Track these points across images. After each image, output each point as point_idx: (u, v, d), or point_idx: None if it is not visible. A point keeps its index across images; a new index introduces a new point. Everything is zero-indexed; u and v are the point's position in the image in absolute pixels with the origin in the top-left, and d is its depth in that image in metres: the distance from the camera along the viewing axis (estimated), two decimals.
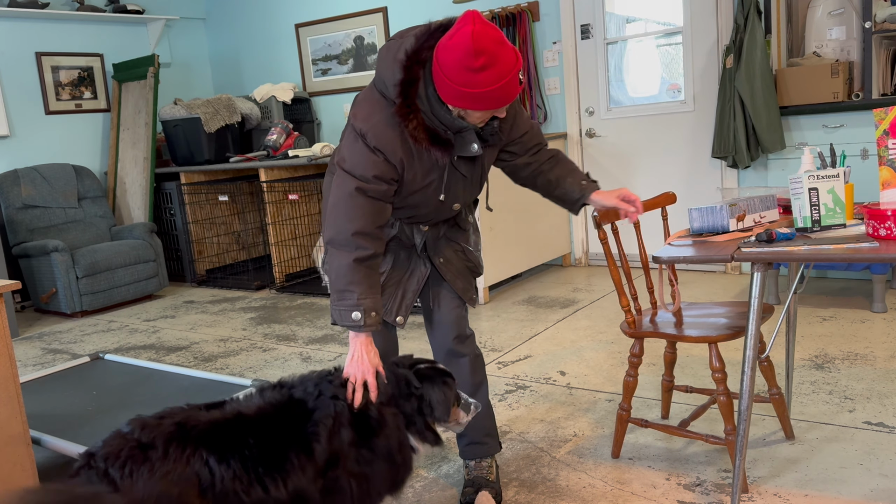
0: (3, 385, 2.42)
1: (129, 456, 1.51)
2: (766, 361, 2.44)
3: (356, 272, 1.87)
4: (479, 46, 1.69)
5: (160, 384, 3.27)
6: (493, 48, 1.71)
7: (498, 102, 1.79)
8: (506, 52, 1.73)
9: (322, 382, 1.78)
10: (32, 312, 5.59)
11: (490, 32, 1.72)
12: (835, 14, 4.39)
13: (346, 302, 1.86)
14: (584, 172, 2.21)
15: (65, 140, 6.13)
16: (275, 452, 1.63)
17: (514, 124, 2.11)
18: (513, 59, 1.75)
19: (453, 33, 1.73)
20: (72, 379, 3.48)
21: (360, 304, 1.86)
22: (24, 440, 2.48)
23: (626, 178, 5.26)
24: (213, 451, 1.57)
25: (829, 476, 2.30)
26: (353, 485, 1.73)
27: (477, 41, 1.69)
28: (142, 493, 1.47)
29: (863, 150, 4.24)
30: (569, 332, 3.98)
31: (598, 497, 2.30)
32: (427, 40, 1.83)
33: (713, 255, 2.00)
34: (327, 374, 1.82)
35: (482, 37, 1.70)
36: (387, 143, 1.88)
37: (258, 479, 1.59)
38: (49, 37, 6.04)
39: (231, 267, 6.34)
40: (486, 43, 1.70)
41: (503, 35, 1.75)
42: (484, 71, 1.71)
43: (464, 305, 2.27)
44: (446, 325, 2.25)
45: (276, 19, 6.75)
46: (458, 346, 2.27)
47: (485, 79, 1.72)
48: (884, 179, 2.04)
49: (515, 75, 1.76)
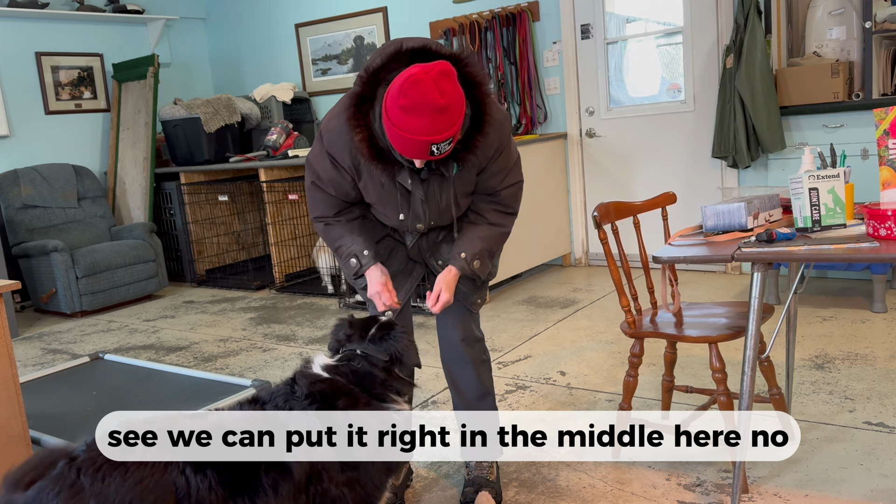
0: (3, 385, 2.42)
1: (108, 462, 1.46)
2: (766, 361, 2.44)
3: (334, 231, 2.11)
4: (410, 92, 1.68)
5: (160, 384, 3.27)
6: (424, 104, 1.68)
7: (408, 151, 1.77)
8: (436, 119, 1.69)
9: (290, 399, 1.72)
10: (32, 312, 5.59)
11: (430, 97, 1.67)
12: (835, 14, 4.39)
13: (343, 257, 2.09)
14: (477, 250, 2.07)
15: (65, 140, 6.13)
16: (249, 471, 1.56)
17: (494, 165, 2.02)
18: (433, 128, 1.70)
19: (412, 69, 1.72)
20: (72, 379, 3.48)
21: (351, 251, 2.08)
22: (24, 440, 2.48)
23: (626, 178, 5.26)
24: (189, 461, 1.52)
25: (829, 476, 2.30)
26: (346, 492, 1.69)
27: (412, 87, 1.68)
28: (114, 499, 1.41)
29: (863, 150, 4.24)
30: (569, 332, 3.98)
31: (598, 497, 2.30)
32: (394, 61, 1.82)
33: (713, 255, 2.00)
34: (292, 384, 1.76)
35: (423, 91, 1.67)
36: (337, 149, 1.98)
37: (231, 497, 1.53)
38: (49, 37, 6.04)
39: (231, 267, 6.34)
40: (421, 99, 1.68)
41: (449, 105, 1.69)
42: (406, 114, 1.70)
43: (468, 309, 2.24)
44: (450, 328, 2.24)
45: (276, 19, 6.75)
46: (465, 349, 2.26)
47: (406, 123, 1.71)
48: (884, 179, 2.04)
49: (425, 143, 1.72)
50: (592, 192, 5.42)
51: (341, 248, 2.10)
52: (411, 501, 2.38)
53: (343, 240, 2.09)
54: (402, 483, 2.37)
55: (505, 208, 2.11)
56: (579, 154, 5.41)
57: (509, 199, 2.10)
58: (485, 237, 2.08)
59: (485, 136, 1.88)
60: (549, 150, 5.25)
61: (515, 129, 5.48)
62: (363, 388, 1.78)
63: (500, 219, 2.11)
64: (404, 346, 1.84)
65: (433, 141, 1.73)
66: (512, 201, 2.11)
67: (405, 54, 1.82)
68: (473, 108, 1.86)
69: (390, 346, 1.83)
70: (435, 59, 1.79)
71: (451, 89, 1.71)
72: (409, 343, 1.85)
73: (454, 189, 2.02)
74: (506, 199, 2.09)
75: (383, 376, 1.81)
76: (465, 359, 2.27)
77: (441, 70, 1.70)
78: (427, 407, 3.13)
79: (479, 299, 2.25)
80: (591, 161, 5.39)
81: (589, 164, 5.40)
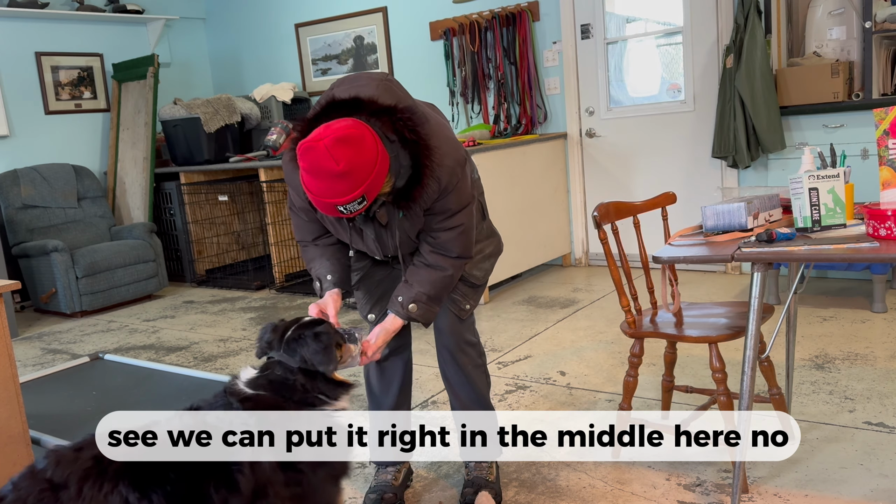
0: (3, 385, 2.42)
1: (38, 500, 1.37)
2: (766, 361, 2.44)
3: (308, 252, 2.17)
4: (305, 157, 1.69)
5: (160, 384, 3.27)
6: (319, 170, 1.68)
7: (318, 207, 1.77)
8: (336, 183, 1.68)
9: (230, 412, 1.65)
10: (32, 312, 5.59)
11: (324, 164, 1.66)
12: (835, 14, 4.39)
13: (312, 278, 2.15)
14: (413, 294, 2.01)
15: (64, 140, 6.13)
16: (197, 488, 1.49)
17: (437, 204, 1.95)
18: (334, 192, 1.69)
19: (313, 134, 1.71)
20: (72, 379, 3.48)
21: (317, 274, 2.12)
22: (24, 440, 2.48)
23: (626, 178, 5.26)
24: (133, 488, 1.43)
25: (829, 476, 2.30)
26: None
27: (305, 154, 1.69)
28: None
29: (863, 150, 4.24)
30: (569, 332, 3.98)
31: (598, 497, 2.30)
32: (324, 113, 1.82)
33: (713, 255, 2.00)
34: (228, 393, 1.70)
35: (317, 158, 1.67)
36: (293, 184, 2.03)
37: None
38: (49, 37, 6.04)
39: (231, 267, 6.33)
40: (315, 165, 1.68)
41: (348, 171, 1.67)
42: (308, 175, 1.72)
43: (465, 311, 2.23)
44: (443, 334, 2.24)
45: (276, 19, 6.75)
46: (457, 354, 2.24)
47: (309, 184, 1.73)
48: (884, 179, 2.04)
49: (330, 205, 1.72)
50: (592, 192, 5.42)
51: (311, 270, 2.16)
52: (411, 501, 2.38)
53: (313, 262, 2.14)
54: (401, 483, 2.37)
55: (445, 251, 2.01)
56: (579, 154, 5.41)
57: (449, 243, 2.00)
58: (422, 281, 2.01)
59: (424, 188, 1.84)
60: (548, 150, 5.25)
61: (515, 129, 5.48)
62: (285, 398, 1.70)
63: (440, 261, 2.02)
64: (313, 351, 1.73)
65: (336, 204, 1.72)
66: (452, 245, 2.00)
67: (335, 105, 1.82)
68: (413, 160, 1.83)
69: (302, 350, 1.74)
70: (367, 111, 1.79)
71: (351, 155, 1.67)
72: (318, 346, 1.73)
73: (399, 233, 2.00)
74: (445, 242, 2.00)
75: (303, 381, 1.72)
76: (458, 364, 2.26)
77: (337, 137, 1.67)
78: (427, 407, 3.13)
79: (468, 305, 2.22)
80: (591, 161, 5.39)
81: (589, 164, 5.40)
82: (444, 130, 1.97)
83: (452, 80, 5.69)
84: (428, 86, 5.90)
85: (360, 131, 1.71)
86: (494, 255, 2.29)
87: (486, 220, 2.27)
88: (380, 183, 1.75)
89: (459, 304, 2.20)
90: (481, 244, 2.24)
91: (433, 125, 1.91)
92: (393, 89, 1.92)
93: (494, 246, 2.29)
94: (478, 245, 2.23)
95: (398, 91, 1.93)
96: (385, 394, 2.35)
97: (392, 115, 1.80)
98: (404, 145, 1.82)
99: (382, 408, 2.37)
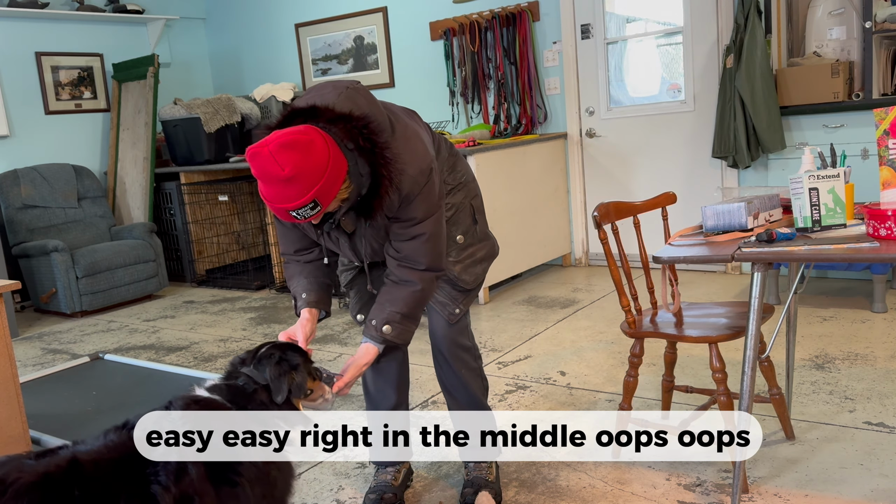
0: (3, 385, 2.42)
1: None
2: (766, 361, 2.44)
3: (289, 269, 2.17)
4: (252, 164, 1.68)
5: (160, 384, 3.27)
6: (266, 175, 1.67)
7: (275, 212, 1.77)
8: (284, 188, 1.67)
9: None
10: (32, 312, 5.59)
11: (270, 170, 1.65)
12: (835, 14, 4.39)
13: (291, 294, 2.14)
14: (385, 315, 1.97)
15: (64, 140, 6.13)
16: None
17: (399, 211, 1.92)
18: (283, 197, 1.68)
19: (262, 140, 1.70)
20: (72, 379, 3.49)
21: (294, 291, 2.11)
22: (24, 440, 2.48)
23: (626, 178, 5.26)
24: None
25: (829, 476, 2.30)
26: None
27: (252, 160, 1.68)
28: None
29: (863, 150, 4.24)
30: (569, 332, 3.98)
31: (598, 497, 2.30)
32: (285, 121, 1.81)
33: (713, 255, 2.00)
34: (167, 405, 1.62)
35: (262, 164, 1.66)
36: None
37: None
38: (49, 37, 6.04)
39: (231, 267, 6.33)
40: (262, 170, 1.67)
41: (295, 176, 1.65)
42: (260, 181, 1.71)
43: (455, 316, 2.20)
44: (436, 336, 2.23)
45: (276, 19, 6.75)
46: (451, 359, 2.23)
47: (261, 189, 1.72)
48: (884, 179, 2.04)
49: (282, 210, 1.71)
50: (592, 192, 5.42)
51: (290, 286, 2.15)
52: (411, 501, 2.38)
53: (293, 279, 2.13)
54: (401, 483, 2.37)
55: (412, 264, 1.96)
56: (579, 154, 5.41)
57: (415, 254, 1.95)
58: (393, 300, 1.97)
59: (383, 197, 1.82)
60: (549, 150, 5.25)
61: (515, 129, 5.48)
62: (239, 406, 1.65)
63: (408, 275, 1.97)
64: (273, 375, 1.69)
65: (287, 209, 1.70)
66: (419, 256, 1.95)
67: (295, 114, 1.81)
68: (372, 168, 1.81)
69: (268, 371, 1.71)
70: (324, 118, 1.78)
71: (297, 159, 1.65)
72: (281, 373, 1.69)
73: (365, 241, 1.99)
74: (410, 253, 1.95)
75: (265, 398, 1.69)
76: (452, 368, 2.25)
77: (281, 143, 1.66)
78: (427, 407, 3.13)
79: (458, 309, 2.18)
80: (591, 161, 5.39)
81: (589, 164, 5.40)
82: (411, 139, 1.93)
83: (452, 80, 5.69)
84: (428, 86, 5.90)
85: (309, 136, 1.70)
86: (488, 258, 2.24)
87: (477, 224, 2.22)
88: (333, 189, 1.72)
89: (449, 308, 2.17)
90: (473, 248, 2.20)
91: (397, 134, 1.89)
92: (355, 98, 1.89)
93: (487, 250, 2.24)
94: (469, 249, 2.19)
95: (360, 100, 1.89)
96: (382, 396, 2.35)
97: (348, 123, 1.79)
98: (362, 153, 1.80)
99: (380, 409, 2.37)
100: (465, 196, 2.19)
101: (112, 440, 1.49)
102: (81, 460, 1.41)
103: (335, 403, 2.05)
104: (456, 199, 2.17)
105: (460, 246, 2.17)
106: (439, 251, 2.00)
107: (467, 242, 2.19)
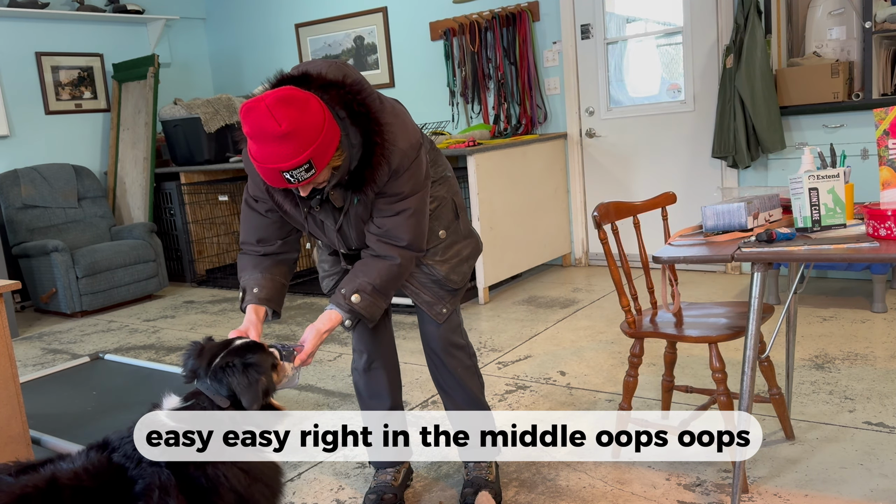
0: (3, 385, 2.42)
1: None
2: (766, 361, 2.44)
3: (242, 260, 2.08)
4: (247, 120, 1.65)
5: (160, 384, 3.27)
6: (261, 131, 1.63)
7: (265, 178, 1.72)
8: (279, 146, 1.63)
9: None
10: (32, 312, 5.59)
11: (265, 125, 1.61)
12: (835, 14, 4.39)
13: (240, 286, 2.06)
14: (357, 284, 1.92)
15: (65, 140, 6.13)
16: None
17: (386, 186, 1.89)
18: (278, 156, 1.64)
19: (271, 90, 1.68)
20: (72, 379, 3.49)
21: (243, 284, 2.03)
22: (24, 440, 2.48)
23: (626, 178, 5.26)
24: None
25: (829, 476, 2.30)
26: None
27: (247, 115, 1.64)
28: None
29: (863, 150, 4.24)
30: (569, 332, 3.98)
31: (598, 497, 2.30)
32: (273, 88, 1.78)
33: (713, 255, 2.00)
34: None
35: (258, 118, 1.62)
36: (251, 170, 1.97)
37: None
38: (49, 37, 6.04)
39: (231, 267, 6.33)
40: (257, 126, 1.63)
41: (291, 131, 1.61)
42: (252, 141, 1.67)
43: (448, 315, 2.18)
44: (428, 337, 2.22)
45: (276, 19, 6.75)
46: (444, 357, 2.22)
47: (253, 150, 1.67)
48: (884, 179, 2.04)
49: (275, 171, 1.66)
50: (592, 192, 5.42)
51: (240, 277, 2.05)
52: (411, 501, 2.38)
53: (244, 272, 2.04)
54: (401, 483, 2.37)
55: (393, 240, 1.93)
56: (579, 154, 5.41)
57: (397, 230, 1.92)
58: (368, 270, 1.93)
59: (376, 168, 1.80)
60: (548, 150, 5.25)
61: (515, 129, 5.48)
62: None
63: (389, 251, 1.93)
64: (243, 385, 1.59)
65: (281, 168, 1.65)
66: (401, 232, 1.92)
67: (283, 81, 1.79)
68: (364, 138, 1.78)
69: (230, 379, 1.60)
70: (315, 84, 1.75)
71: (294, 115, 1.62)
72: (244, 381, 1.60)
73: (355, 221, 1.96)
74: (392, 228, 1.92)
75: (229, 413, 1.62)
76: (446, 368, 2.23)
77: (279, 97, 1.63)
78: (427, 407, 3.13)
79: (444, 309, 2.15)
80: (591, 161, 5.39)
81: (589, 164, 5.40)
82: (400, 115, 1.92)
83: (452, 80, 5.69)
84: (428, 86, 5.90)
85: (305, 95, 1.67)
86: (472, 256, 2.21)
87: (459, 220, 2.19)
88: (328, 152, 1.69)
89: (436, 307, 2.14)
90: (458, 245, 2.17)
91: (386, 108, 1.87)
92: (345, 69, 1.87)
93: (472, 248, 2.22)
94: (455, 247, 2.15)
95: (350, 71, 1.88)
96: (377, 401, 2.34)
97: (340, 89, 1.77)
98: (354, 122, 1.77)
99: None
100: (448, 191, 2.16)
101: (93, 462, 1.45)
102: (60, 483, 1.37)
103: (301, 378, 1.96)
104: (439, 192, 2.13)
105: (444, 243, 2.13)
106: (422, 230, 1.98)
107: (450, 239, 2.15)
